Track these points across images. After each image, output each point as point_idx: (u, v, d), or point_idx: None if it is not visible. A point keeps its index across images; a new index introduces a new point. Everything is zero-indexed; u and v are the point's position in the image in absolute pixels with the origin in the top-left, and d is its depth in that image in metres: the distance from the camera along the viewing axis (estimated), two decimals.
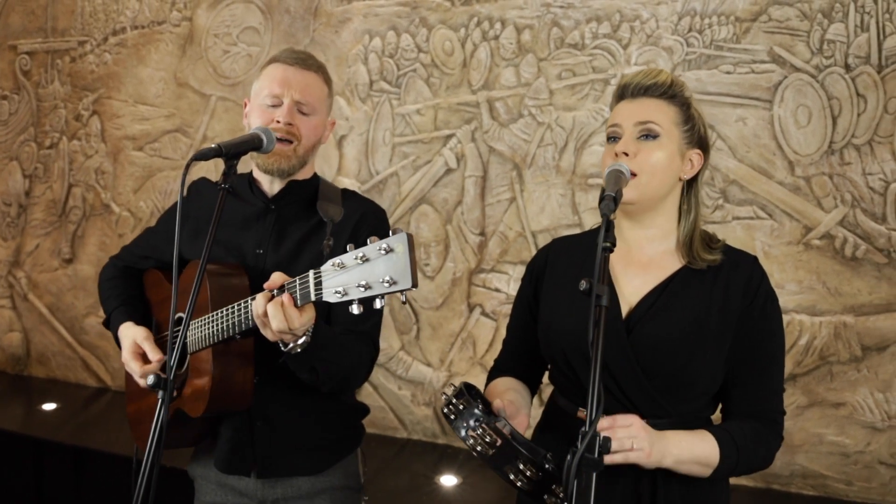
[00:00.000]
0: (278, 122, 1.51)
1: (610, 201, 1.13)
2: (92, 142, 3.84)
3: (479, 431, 1.19)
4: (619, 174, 1.26)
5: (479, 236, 3.14)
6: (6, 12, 4.05)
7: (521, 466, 1.17)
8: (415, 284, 1.04)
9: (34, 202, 4.02)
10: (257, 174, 1.64)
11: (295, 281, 1.20)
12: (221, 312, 1.41)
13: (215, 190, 1.69)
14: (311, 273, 1.17)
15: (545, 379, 1.55)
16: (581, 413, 1.36)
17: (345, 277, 1.10)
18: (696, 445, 1.27)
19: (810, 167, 2.68)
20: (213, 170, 3.55)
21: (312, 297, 1.16)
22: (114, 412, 3.66)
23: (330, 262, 1.13)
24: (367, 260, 1.08)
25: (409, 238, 1.05)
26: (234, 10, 3.55)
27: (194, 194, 1.74)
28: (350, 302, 1.10)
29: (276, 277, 1.24)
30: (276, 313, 1.22)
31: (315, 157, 1.66)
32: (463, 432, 1.21)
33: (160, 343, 1.65)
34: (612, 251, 1.14)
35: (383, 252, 1.06)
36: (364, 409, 1.75)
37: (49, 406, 3.61)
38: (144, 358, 1.59)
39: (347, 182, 3.32)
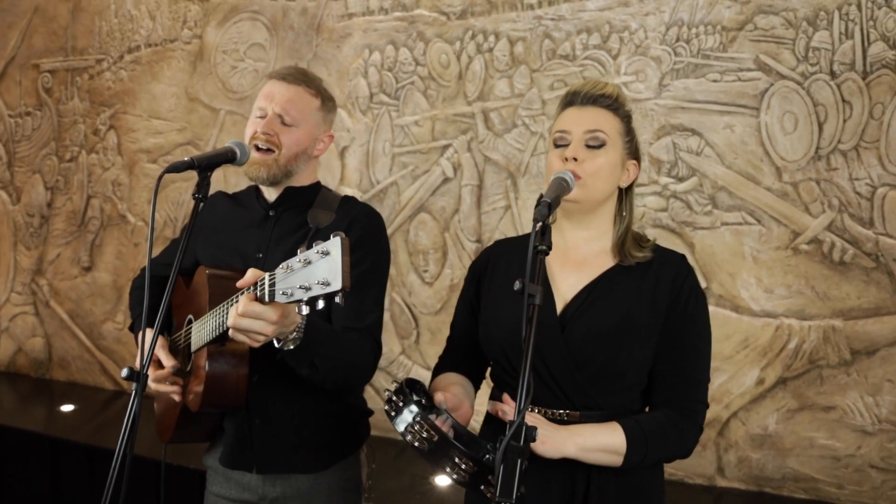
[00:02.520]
0: (257, 132, 1.61)
1: (544, 207, 1.20)
2: (109, 155, 4.02)
3: (417, 427, 1.23)
4: (563, 183, 1.33)
5: (475, 243, 3.21)
6: (30, 33, 4.26)
7: (457, 460, 1.22)
8: (345, 286, 1.10)
9: (55, 213, 4.21)
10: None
11: (263, 280, 1.27)
12: (213, 313, 1.50)
13: (228, 201, 1.81)
14: (266, 276, 1.25)
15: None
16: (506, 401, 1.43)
17: (292, 280, 1.17)
18: (601, 435, 1.33)
19: (797, 173, 2.71)
20: (230, 183, 3.69)
21: (266, 299, 1.23)
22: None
23: (281, 265, 1.20)
24: (309, 263, 1.15)
25: (343, 242, 1.11)
26: (241, 28, 3.69)
27: (209, 206, 1.84)
28: (298, 303, 1.17)
29: (249, 275, 1.31)
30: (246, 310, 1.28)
31: (311, 167, 1.73)
32: (402, 427, 1.26)
33: (174, 343, 1.75)
34: (547, 254, 1.21)
35: (321, 256, 1.13)
36: (366, 412, 1.80)
37: (67, 407, 3.77)
38: (160, 364, 1.66)
39: (349, 192, 3.43)
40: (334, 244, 1.12)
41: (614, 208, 1.47)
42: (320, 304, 1.14)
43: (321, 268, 1.13)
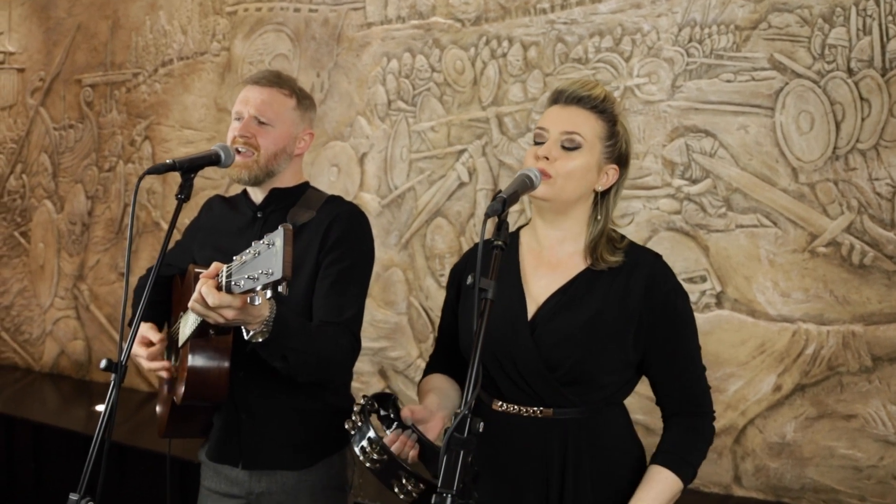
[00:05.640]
0: (236, 136, 1.68)
1: (498, 203, 1.21)
2: (144, 164, 4.19)
3: (368, 449, 1.29)
4: (526, 180, 1.34)
5: None
6: (73, 50, 4.49)
7: (404, 481, 1.27)
8: (286, 275, 1.14)
9: (95, 221, 4.41)
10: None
11: (222, 272, 1.33)
12: None
13: (224, 205, 1.89)
14: (224, 267, 1.30)
15: None
16: (495, 405, 1.44)
17: (244, 270, 1.23)
18: (661, 492, 1.35)
19: (814, 173, 2.64)
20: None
21: (223, 288, 1.29)
22: None
23: (235, 257, 1.26)
24: (259, 254, 1.20)
25: (286, 233, 1.16)
26: (266, 40, 3.81)
27: (206, 209, 1.94)
28: (250, 293, 1.22)
29: (212, 268, 1.37)
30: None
31: (294, 166, 1.78)
32: (356, 449, 1.31)
33: (171, 337, 1.82)
34: (503, 249, 1.22)
35: (267, 246, 1.18)
36: (351, 411, 1.84)
37: (101, 408, 3.92)
38: (152, 345, 1.73)
39: (368, 197, 3.49)
40: (278, 234, 1.17)
41: (588, 211, 1.46)
42: (268, 293, 1.19)
43: (266, 258, 1.18)
